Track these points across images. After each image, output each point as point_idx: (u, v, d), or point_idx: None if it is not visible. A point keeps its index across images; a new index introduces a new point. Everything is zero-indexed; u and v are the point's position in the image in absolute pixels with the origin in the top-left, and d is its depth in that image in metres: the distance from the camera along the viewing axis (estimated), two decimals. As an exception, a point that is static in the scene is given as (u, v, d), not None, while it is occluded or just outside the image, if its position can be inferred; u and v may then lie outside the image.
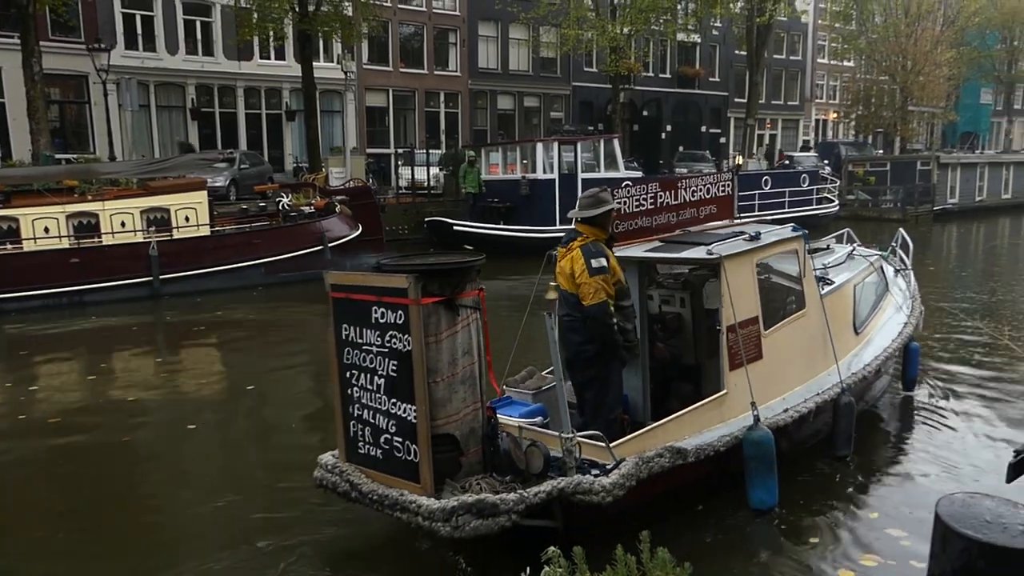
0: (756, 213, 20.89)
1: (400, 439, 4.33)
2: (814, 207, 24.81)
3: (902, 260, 8.91)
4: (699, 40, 38.36)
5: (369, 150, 28.52)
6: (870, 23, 40.12)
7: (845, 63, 47.22)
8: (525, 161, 20.91)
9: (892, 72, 40.17)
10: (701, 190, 6.36)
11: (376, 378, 4.42)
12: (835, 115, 47.98)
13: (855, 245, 8.50)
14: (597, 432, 4.62)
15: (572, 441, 4.34)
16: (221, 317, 13.13)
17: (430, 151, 25.82)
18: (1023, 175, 35.85)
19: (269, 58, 26.80)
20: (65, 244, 13.93)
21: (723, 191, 6.51)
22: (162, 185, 15.34)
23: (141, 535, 5.34)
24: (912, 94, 40.08)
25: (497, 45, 32.76)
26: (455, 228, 19.52)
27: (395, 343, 4.26)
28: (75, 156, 21.49)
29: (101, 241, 14.25)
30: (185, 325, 12.80)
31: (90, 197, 14.60)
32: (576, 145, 20.39)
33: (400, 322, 4.21)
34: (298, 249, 16.02)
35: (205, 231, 15.25)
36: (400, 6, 29.38)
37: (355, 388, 4.57)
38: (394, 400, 4.34)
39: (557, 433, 4.45)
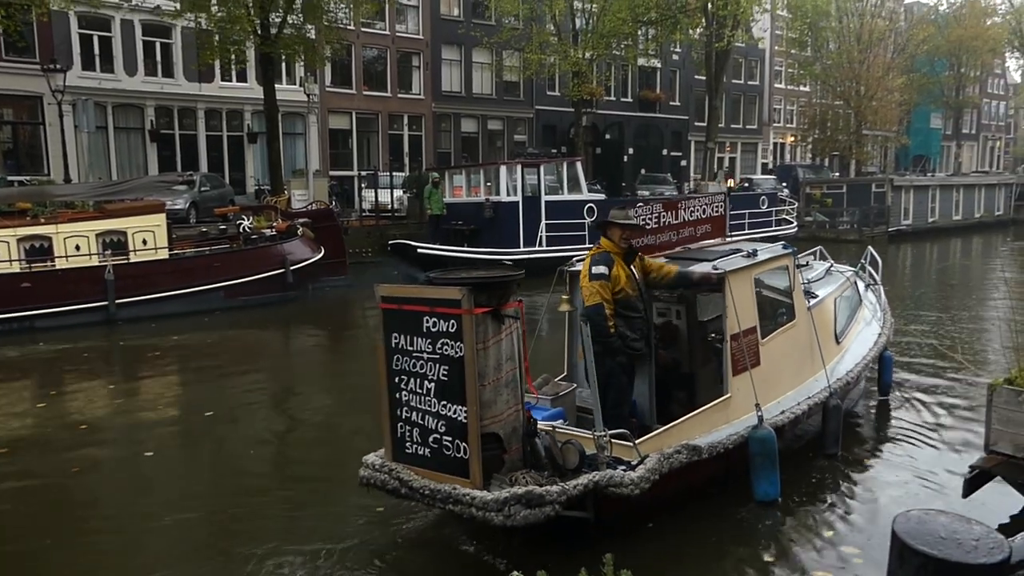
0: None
1: (450, 438, 4.72)
2: (773, 228, 25.25)
3: (871, 276, 9.64)
4: (660, 65, 39.03)
5: (332, 172, 28.37)
6: (824, 50, 41.22)
7: (801, 88, 48.39)
8: (489, 184, 20.98)
9: (846, 97, 41.23)
10: (698, 210, 6.86)
11: (426, 382, 4.80)
12: (792, 139, 49.05)
13: (832, 262, 9.24)
14: (624, 431, 5.05)
15: (605, 438, 4.83)
16: (178, 342, 12.86)
17: (394, 174, 25.78)
18: (972, 197, 36.97)
19: (231, 80, 26.60)
20: (16, 268, 13.55)
21: (717, 211, 7.08)
22: (119, 208, 15.07)
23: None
24: (866, 118, 41.17)
25: (461, 69, 32.95)
26: (419, 251, 19.46)
27: (447, 350, 4.67)
28: (28, 178, 21.02)
29: (54, 265, 13.89)
30: (140, 350, 12.48)
31: (43, 220, 14.28)
32: (539, 168, 20.51)
33: (452, 330, 4.62)
34: (259, 272, 15.82)
35: (163, 254, 14.99)
36: (363, 30, 29.43)
37: (403, 392, 4.94)
38: (444, 402, 4.72)
39: (590, 432, 4.93)
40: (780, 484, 5.52)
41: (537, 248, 20.08)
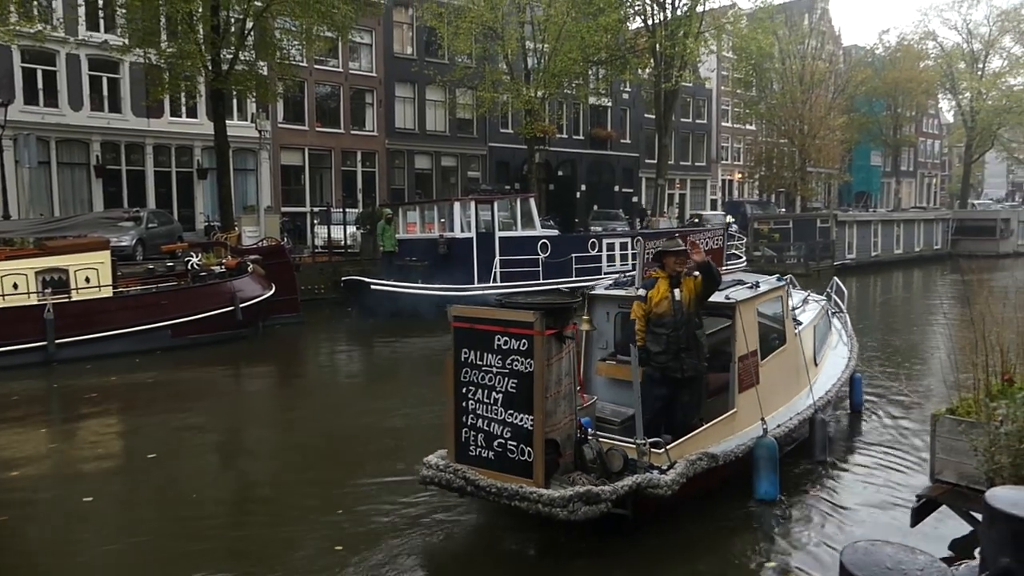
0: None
1: (515, 443, 5.37)
2: (724, 263, 25.72)
3: (837, 304, 10.68)
4: (610, 104, 39.81)
5: (284, 209, 28.08)
6: (769, 90, 42.52)
7: (747, 127, 49.75)
8: (443, 220, 20.97)
9: (791, 135, 42.50)
10: (704, 244, 7.72)
11: (494, 393, 5.46)
12: (740, 176, 50.27)
13: (809, 292, 10.36)
14: (658, 439, 5.80)
15: (645, 446, 5.55)
16: (120, 383, 12.42)
17: (347, 210, 25.63)
18: (912, 232, 38.25)
19: (180, 115, 26.29)
20: (-50, 308, 13.04)
21: (717, 244, 8.47)
22: (60, 245, 14.63)
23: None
24: (810, 156, 42.44)
25: (414, 106, 33.12)
26: (372, 287, 19.30)
27: (516, 365, 5.34)
28: (-35, 215, 20.36)
29: (-10, 304, 13.40)
30: (78, 392, 11.92)
31: (-21, 258, 13.79)
32: (493, 204, 20.60)
33: (523, 348, 5.30)
34: (208, 310, 15.46)
35: (107, 292, 14.54)
36: (316, 67, 29.43)
37: (471, 401, 5.58)
38: (511, 411, 5.38)
39: (631, 439, 5.66)
40: (777, 486, 6.31)
41: (491, 284, 20.07)
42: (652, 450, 5.62)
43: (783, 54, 40.96)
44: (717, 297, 6.62)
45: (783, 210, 44.66)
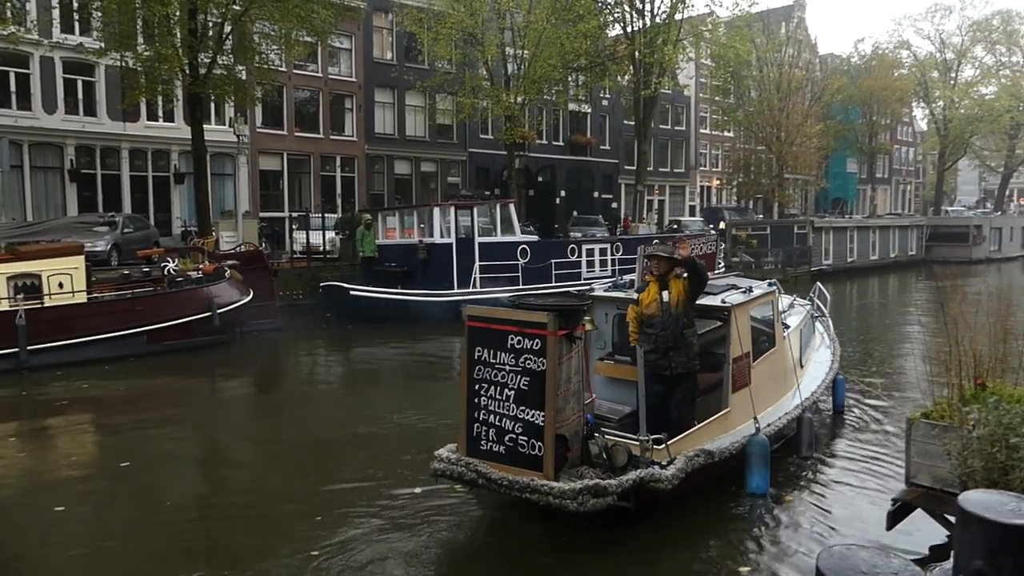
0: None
1: (525, 438, 5.59)
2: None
3: (820, 308, 11.04)
4: (590, 110, 39.93)
5: (262, 214, 27.90)
6: (746, 97, 42.92)
7: (725, 134, 50.16)
8: (422, 225, 20.94)
9: (768, 142, 42.90)
10: (698, 248, 8.08)
11: (507, 390, 5.68)
12: (718, 182, 50.64)
13: (794, 296, 10.66)
14: (659, 436, 6.03)
15: (648, 442, 5.83)
16: (94, 390, 12.25)
17: (326, 215, 25.50)
18: (887, 238, 38.74)
19: (157, 119, 26.03)
20: (-82, 314, 12.80)
21: (711, 249, 8.79)
22: (33, 250, 14.39)
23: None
24: (787, 163, 42.85)
25: (394, 111, 33.05)
26: (352, 293, 19.20)
27: (529, 364, 5.59)
28: (-64, 219, 20.03)
29: (-39, 310, 13.17)
30: (50, 399, 11.73)
31: (-51, 263, 13.55)
32: (473, 210, 20.59)
33: (536, 348, 5.54)
34: (184, 316, 15.30)
35: (81, 298, 14.33)
36: (296, 71, 29.28)
37: (482, 397, 5.79)
38: (523, 407, 5.61)
39: (634, 436, 5.94)
40: (767, 481, 6.66)
41: (471, 289, 20.05)
42: (654, 447, 5.90)
43: (760, 62, 41.35)
44: (713, 301, 7.00)
45: (761, 216, 45.03)
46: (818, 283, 11.96)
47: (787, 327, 8.53)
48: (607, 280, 8.56)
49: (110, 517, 6.92)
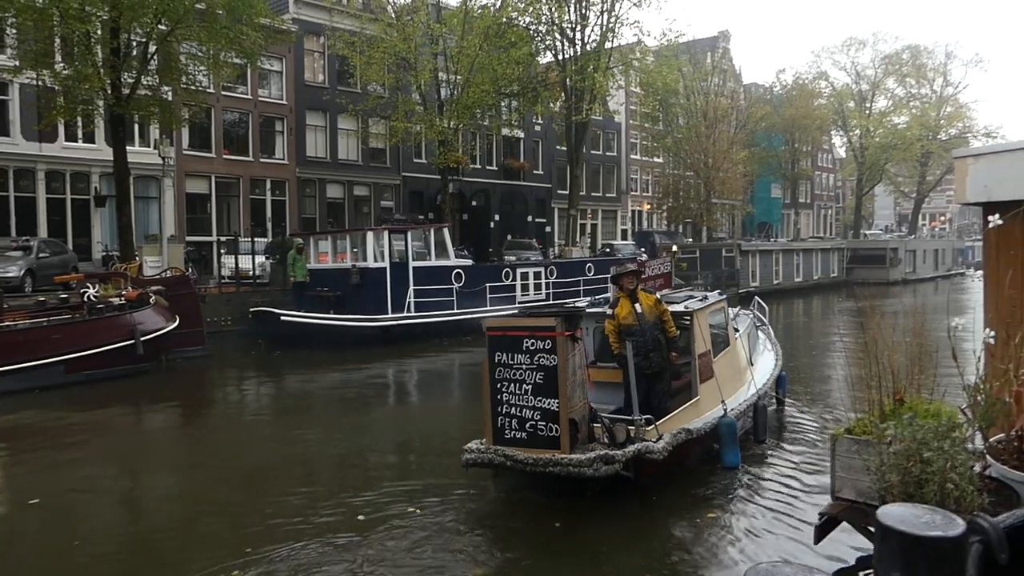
0: (583, 297, 21.73)
1: (544, 423, 6.77)
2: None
3: (759, 318, 12.60)
4: (523, 135, 40.37)
5: (189, 238, 27.14)
6: (675, 124, 44.09)
7: (655, 159, 51.34)
8: (355, 249, 20.72)
9: (696, 168, 44.08)
10: (656, 268, 10.83)
11: (524, 385, 6.85)
12: (648, 206, 51.71)
13: (739, 308, 12.41)
14: (650, 416, 7.21)
15: (641, 422, 7.00)
16: (2, 423, 11.59)
17: (256, 239, 24.98)
18: (811, 260, 40.14)
19: (76, 140, 25.12)
20: None
21: (666, 269, 11.61)
22: (-61, 276, 13.68)
23: None
24: (714, 188, 44.10)
25: (326, 134, 32.72)
26: (282, 318, 18.82)
27: (542, 361, 6.77)
28: None
29: None
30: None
31: None
32: (407, 234, 20.50)
33: (548, 348, 6.74)
34: (105, 344, 14.71)
35: (-8, 326, 13.67)
36: (224, 93, 28.74)
37: (504, 394, 6.94)
38: (540, 397, 6.77)
39: (629, 418, 7.04)
40: (739, 456, 7.95)
41: (405, 314, 19.90)
42: (645, 427, 7.02)
43: (688, 90, 42.61)
44: (677, 307, 8.31)
45: (690, 240, 46.13)
46: (756, 298, 13.44)
47: (737, 330, 9.88)
48: (586, 299, 10.21)
49: (10, 556, 6.53)
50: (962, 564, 2.38)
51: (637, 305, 7.77)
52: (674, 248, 31.97)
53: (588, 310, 8.63)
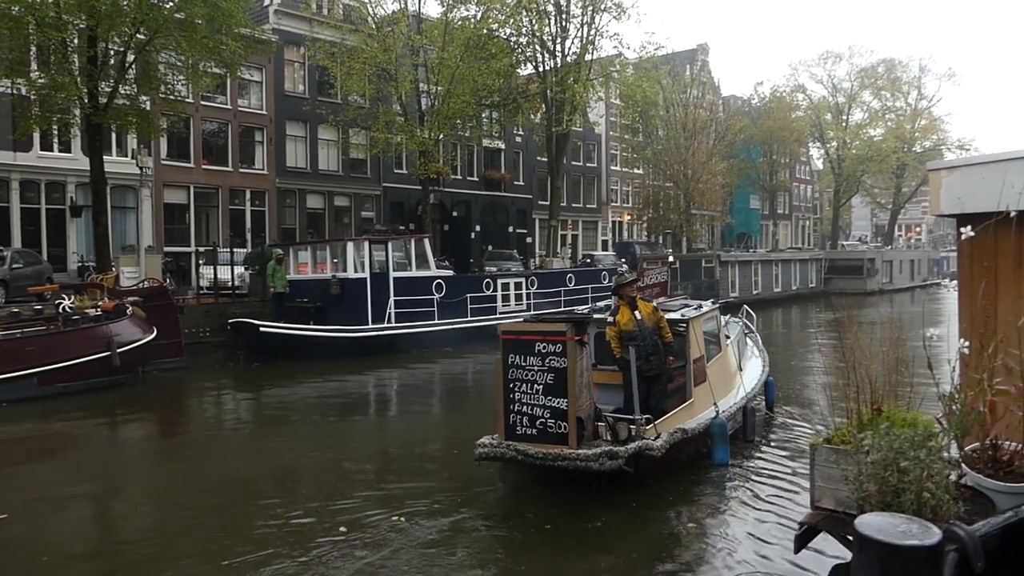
0: (562, 308, 21.76)
1: (553, 420, 7.35)
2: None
3: (748, 326, 13.15)
4: (503, 146, 40.46)
5: (167, 249, 26.86)
6: (654, 136, 44.36)
7: (635, 171, 51.61)
8: (335, 260, 20.64)
9: (676, 179, 44.34)
10: (654, 278, 11.52)
11: (536, 385, 7.43)
12: (629, 217, 51.94)
13: (729, 315, 12.57)
14: (649, 416, 7.72)
15: (642, 421, 7.51)
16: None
17: (235, 250, 24.79)
18: (789, 271, 40.50)
19: (52, 149, 24.83)
20: None
21: (663, 279, 12.46)
22: (-90, 287, 13.44)
23: None
24: (693, 199, 44.37)
25: (306, 145, 32.60)
26: (262, 329, 18.66)
27: (553, 363, 7.37)
28: None
29: None
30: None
31: None
32: (387, 244, 20.46)
33: (558, 351, 7.34)
34: (80, 356, 14.52)
35: (-37, 338, 13.44)
36: (203, 103, 28.55)
37: (516, 393, 7.52)
38: (550, 397, 7.36)
39: (631, 416, 7.53)
40: (728, 454, 8.51)
41: (386, 324, 19.82)
42: (645, 426, 7.51)
43: (667, 102, 42.89)
44: (674, 315, 8.91)
45: (670, 251, 46.36)
46: (745, 306, 14.19)
47: (728, 337, 10.44)
48: (586, 307, 10.76)
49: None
50: (939, 572, 2.40)
51: (636, 312, 8.31)
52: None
53: (592, 316, 9.09)
